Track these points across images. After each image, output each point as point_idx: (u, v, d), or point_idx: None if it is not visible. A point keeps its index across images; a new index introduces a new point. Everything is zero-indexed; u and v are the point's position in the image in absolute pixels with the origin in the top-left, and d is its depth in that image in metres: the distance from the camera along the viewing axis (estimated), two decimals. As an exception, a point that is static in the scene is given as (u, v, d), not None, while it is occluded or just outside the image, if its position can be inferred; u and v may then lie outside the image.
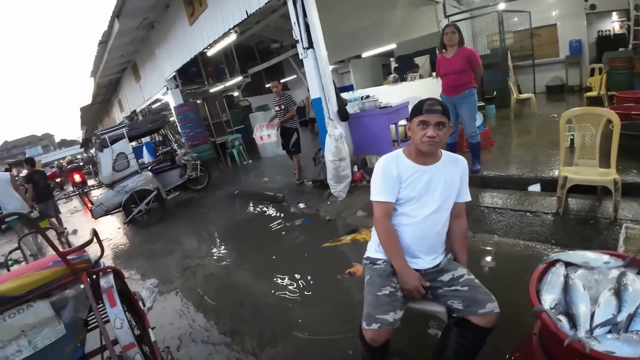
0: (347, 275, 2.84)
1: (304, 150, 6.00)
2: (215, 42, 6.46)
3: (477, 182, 3.88)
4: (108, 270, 1.88)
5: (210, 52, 7.34)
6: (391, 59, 11.32)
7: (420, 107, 1.53)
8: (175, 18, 7.49)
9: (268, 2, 4.85)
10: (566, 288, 1.35)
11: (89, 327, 2.01)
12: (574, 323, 1.24)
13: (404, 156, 1.63)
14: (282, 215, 4.87)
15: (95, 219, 5.86)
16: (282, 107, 5.44)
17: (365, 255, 1.78)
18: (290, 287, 2.92)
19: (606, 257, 1.44)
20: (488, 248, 2.86)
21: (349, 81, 11.42)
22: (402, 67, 9.69)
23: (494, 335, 1.48)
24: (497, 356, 1.71)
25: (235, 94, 13.38)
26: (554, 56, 9.18)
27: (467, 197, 1.68)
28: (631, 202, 2.91)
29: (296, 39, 4.63)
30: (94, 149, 7.98)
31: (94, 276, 1.84)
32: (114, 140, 5.66)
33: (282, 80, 15.78)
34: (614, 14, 8.62)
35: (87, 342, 1.94)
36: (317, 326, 2.36)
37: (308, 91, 5.06)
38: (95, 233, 1.88)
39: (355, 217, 4.07)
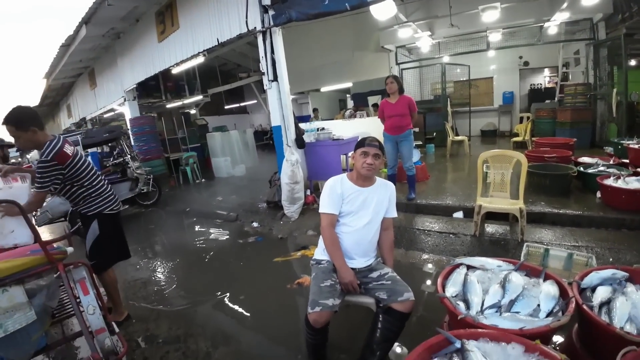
0: (296, 285, 3.13)
1: (261, 173, 6.16)
2: (183, 62, 6.70)
3: (412, 209, 4.53)
4: (80, 264, 2.04)
5: (175, 70, 7.51)
6: (347, 95, 12.22)
7: (362, 142, 2.05)
8: (144, 32, 7.64)
9: (239, 35, 5.27)
10: (465, 283, 1.81)
11: (53, 319, 2.09)
12: (468, 307, 1.68)
13: (347, 179, 2.10)
14: (235, 233, 5.03)
15: (39, 226, 5.56)
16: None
17: (312, 258, 2.19)
18: (242, 295, 3.13)
19: (499, 262, 1.94)
20: (418, 262, 3.38)
21: (307, 111, 12.06)
22: (357, 103, 10.63)
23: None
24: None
25: (193, 111, 13.41)
26: (489, 104, 10.65)
27: (393, 214, 2.17)
28: (536, 228, 3.64)
29: (263, 71, 5.06)
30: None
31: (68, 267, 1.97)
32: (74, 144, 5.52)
33: (242, 104, 16.15)
34: (546, 69, 10.25)
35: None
36: (267, 328, 2.61)
37: (269, 117, 5.41)
38: (68, 229, 2.04)
39: (306, 236, 4.41)
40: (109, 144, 7.92)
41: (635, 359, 1.18)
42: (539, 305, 1.61)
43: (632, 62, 8.01)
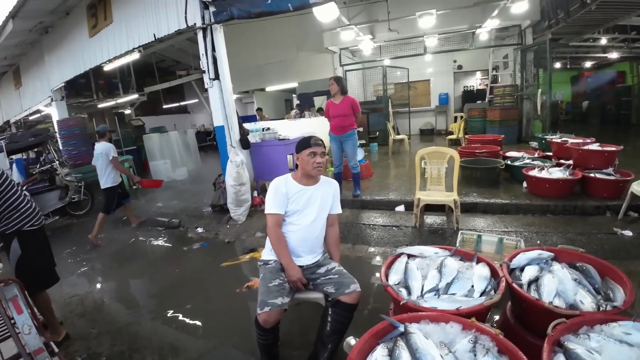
0: (246, 288, 3.06)
1: (205, 175, 5.94)
2: (116, 58, 6.24)
3: (357, 205, 4.71)
4: (10, 281, 1.85)
5: (108, 67, 6.98)
6: (293, 95, 12.27)
7: (308, 142, 2.06)
8: (73, 27, 6.99)
9: (178, 31, 5.04)
10: (406, 270, 1.91)
11: None
12: (410, 292, 1.78)
13: (292, 179, 2.12)
14: (178, 240, 4.79)
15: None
16: None
17: (260, 259, 2.18)
18: (188, 304, 3.01)
19: (436, 249, 2.08)
20: (365, 255, 3.51)
21: (252, 111, 11.89)
22: (303, 103, 10.70)
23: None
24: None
25: (128, 111, 12.56)
26: (426, 105, 11.37)
27: (338, 210, 2.24)
28: (469, 217, 3.99)
29: (203, 69, 4.89)
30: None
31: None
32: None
33: (182, 103, 15.44)
34: (478, 72, 11.16)
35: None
36: (218, 334, 2.55)
37: (211, 117, 5.25)
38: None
39: (254, 238, 4.34)
40: (35, 149, 7.12)
41: (565, 330, 1.32)
42: (473, 286, 1.74)
43: (557, 65, 9.02)
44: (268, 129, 5.61)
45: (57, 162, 6.28)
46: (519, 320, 1.82)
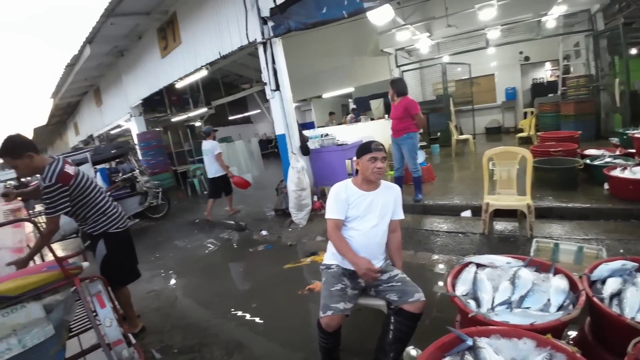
0: (307, 291, 3.14)
1: (268, 181, 6.21)
2: (186, 76, 6.82)
3: (419, 210, 4.55)
4: (95, 278, 2.09)
5: (179, 85, 7.64)
6: (349, 100, 12.28)
7: (368, 147, 2.04)
8: (146, 49, 7.81)
9: (240, 47, 5.36)
10: (474, 281, 1.81)
11: (71, 333, 2.13)
12: (479, 304, 1.69)
13: (352, 184, 2.11)
14: (245, 242, 5.08)
15: (52, 243, 5.65)
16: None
17: (322, 263, 2.20)
18: (254, 303, 3.15)
19: (508, 259, 1.95)
20: (428, 263, 3.37)
21: (310, 118, 12.14)
22: (359, 108, 10.66)
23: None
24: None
25: (198, 124, 13.56)
26: (491, 102, 10.62)
27: (400, 216, 2.17)
28: (544, 223, 3.63)
29: (265, 81, 5.14)
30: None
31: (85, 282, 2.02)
32: (78, 164, 5.64)
33: (246, 114, 16.29)
34: (547, 63, 10.20)
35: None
36: (281, 334, 2.63)
37: (273, 126, 5.48)
38: (81, 245, 2.09)
39: (314, 242, 4.43)
40: (117, 160, 8.05)
41: (648, 349, 1.17)
42: (549, 300, 1.61)
43: (633, 51, 7.98)
44: (327, 135, 5.70)
45: (137, 170, 7.00)
46: (597, 338, 1.64)
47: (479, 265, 1.95)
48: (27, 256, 2.30)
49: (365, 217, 2.04)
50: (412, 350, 2.10)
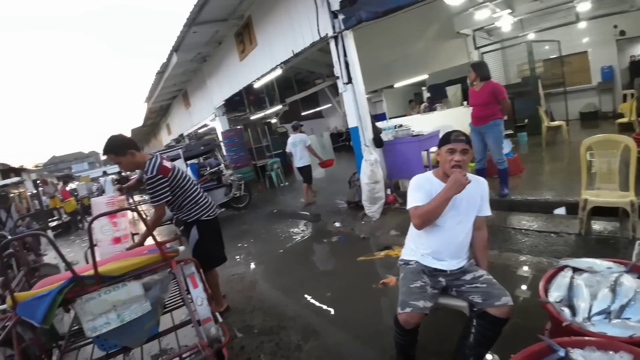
0: (381, 285, 3.13)
1: (340, 174, 6.32)
2: (263, 76, 7.19)
3: (505, 206, 4.16)
4: (189, 261, 2.32)
5: (256, 85, 8.09)
6: (423, 88, 11.75)
7: (448, 137, 1.91)
8: (226, 54, 8.43)
9: (313, 43, 5.47)
10: (570, 287, 1.65)
11: (164, 310, 2.39)
12: (574, 313, 1.54)
13: (434, 176, 2.00)
14: (319, 232, 5.25)
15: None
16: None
17: (400, 258, 2.14)
18: (328, 292, 3.26)
19: (609, 264, 1.73)
20: (514, 264, 3.10)
21: (381, 109, 11.91)
22: (435, 96, 10.14)
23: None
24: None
25: (274, 120, 14.25)
26: (586, 83, 9.25)
27: (487, 212, 2.00)
28: None
29: (337, 75, 5.18)
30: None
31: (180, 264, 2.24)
32: (172, 159, 6.35)
33: (317, 109, 16.64)
34: None
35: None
36: (354, 326, 2.67)
37: (344, 119, 5.51)
38: (176, 232, 2.35)
39: (388, 236, 4.37)
40: (205, 155, 8.88)
41: None
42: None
43: None
44: (401, 126, 5.55)
45: (223, 165, 7.65)
46: None
47: (575, 270, 1.77)
48: (140, 241, 2.62)
49: (448, 212, 1.90)
50: (488, 355, 1.96)
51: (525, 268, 3.03)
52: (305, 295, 3.29)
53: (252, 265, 4.52)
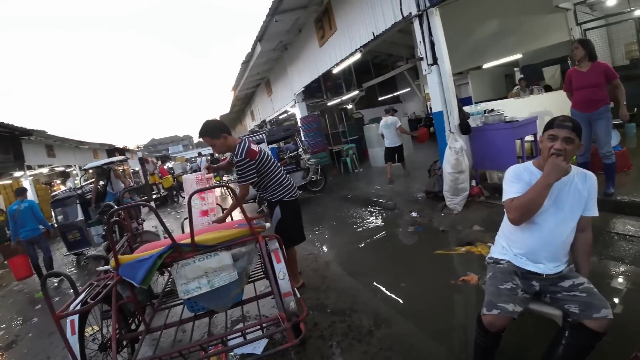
0: (461, 282, 2.96)
1: (417, 162, 6.08)
2: (341, 61, 7.18)
3: (609, 207, 3.60)
4: (274, 237, 2.49)
5: (335, 70, 8.10)
6: (515, 69, 10.60)
7: (552, 122, 1.69)
8: (306, 41, 8.60)
9: (395, 23, 5.26)
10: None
11: (249, 280, 2.59)
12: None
13: (534, 167, 1.79)
14: (394, 221, 5.15)
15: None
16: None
17: (489, 256, 1.98)
18: (403, 283, 3.19)
19: None
20: (611, 274, 2.71)
21: (466, 93, 11.05)
22: (528, 77, 8.98)
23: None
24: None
25: (350, 106, 14.19)
26: None
27: (594, 212, 1.75)
28: None
29: (420, 56, 4.93)
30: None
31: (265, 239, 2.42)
32: (257, 143, 6.78)
33: (395, 94, 16.13)
34: None
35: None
36: (429, 320, 2.57)
37: (424, 104, 5.24)
38: (262, 210, 2.51)
39: (471, 231, 4.09)
40: (284, 140, 9.27)
41: None
42: None
43: None
44: (492, 110, 5.09)
45: (301, 149, 7.91)
46: None
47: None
48: (224, 215, 2.88)
49: (549, 209, 1.70)
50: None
51: (625, 279, 2.62)
52: (379, 283, 3.27)
53: (327, 247, 4.64)
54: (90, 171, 7.89)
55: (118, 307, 2.18)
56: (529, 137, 4.83)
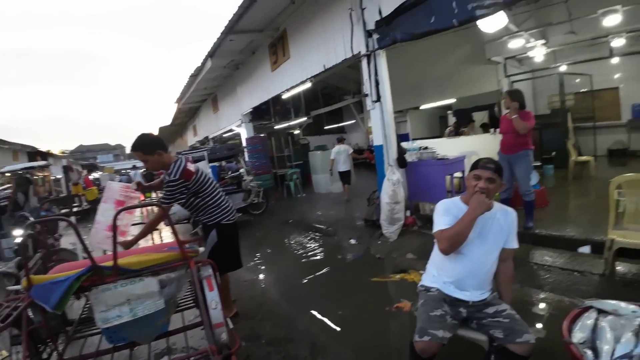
0: (395, 308, 3.07)
1: (358, 190, 6.30)
2: (292, 88, 7.35)
3: (529, 239, 4.01)
4: (207, 262, 2.31)
5: (285, 95, 8.26)
6: (448, 112, 11.70)
7: (477, 163, 1.91)
8: (259, 63, 8.67)
9: (345, 59, 5.57)
10: (595, 329, 1.61)
11: (176, 309, 2.37)
12: (597, 355, 1.50)
13: (462, 202, 1.97)
14: (334, 247, 5.22)
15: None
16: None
17: (420, 283, 2.10)
18: (340, 310, 3.20)
19: (634, 307, 1.68)
20: (533, 301, 3.01)
21: (405, 130, 11.89)
22: (460, 120, 10.03)
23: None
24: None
25: (297, 132, 14.43)
26: (615, 119, 9.02)
27: (514, 245, 1.96)
28: None
29: (366, 92, 5.23)
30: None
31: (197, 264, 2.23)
32: (196, 161, 6.51)
33: (341, 124, 16.79)
34: None
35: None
36: (365, 347, 2.62)
37: (366, 136, 5.54)
38: (196, 232, 2.38)
39: (405, 259, 4.29)
40: (226, 160, 9.04)
41: None
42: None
43: None
44: (426, 148, 5.52)
45: (244, 170, 7.77)
46: None
47: (600, 311, 1.71)
48: (133, 239, 2.61)
49: (474, 241, 1.86)
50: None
51: (546, 306, 2.93)
52: (316, 310, 3.26)
53: (264, 274, 4.53)
54: (8, 174, 6.95)
55: (29, 332, 1.90)
56: (457, 174, 5.29)
